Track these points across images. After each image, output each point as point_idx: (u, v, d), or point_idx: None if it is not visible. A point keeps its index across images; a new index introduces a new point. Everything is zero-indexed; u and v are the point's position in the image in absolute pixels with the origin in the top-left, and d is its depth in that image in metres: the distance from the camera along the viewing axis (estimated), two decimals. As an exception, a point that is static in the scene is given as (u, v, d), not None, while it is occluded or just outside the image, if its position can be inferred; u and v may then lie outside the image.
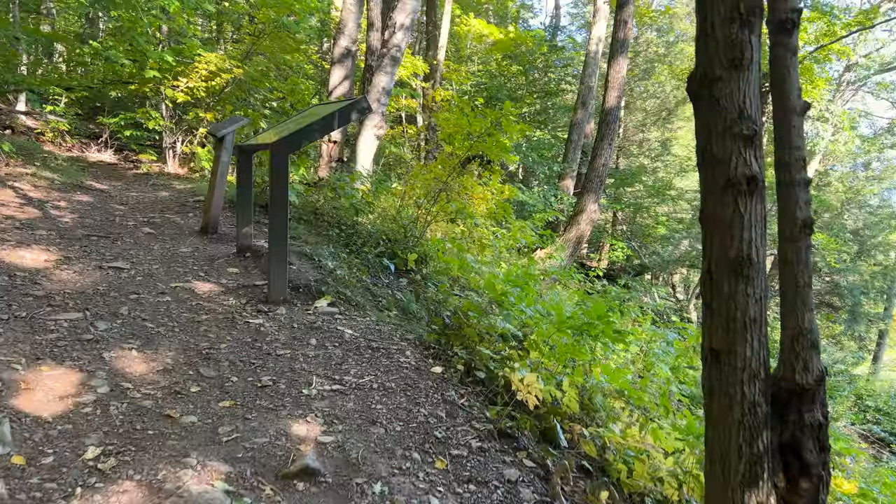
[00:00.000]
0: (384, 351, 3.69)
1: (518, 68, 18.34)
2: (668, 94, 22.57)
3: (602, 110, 11.73)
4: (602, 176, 11.56)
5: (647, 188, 19.45)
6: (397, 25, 8.47)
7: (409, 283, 5.86)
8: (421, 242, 6.73)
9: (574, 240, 11.62)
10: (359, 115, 4.58)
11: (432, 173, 7.36)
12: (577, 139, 16.79)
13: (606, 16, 17.29)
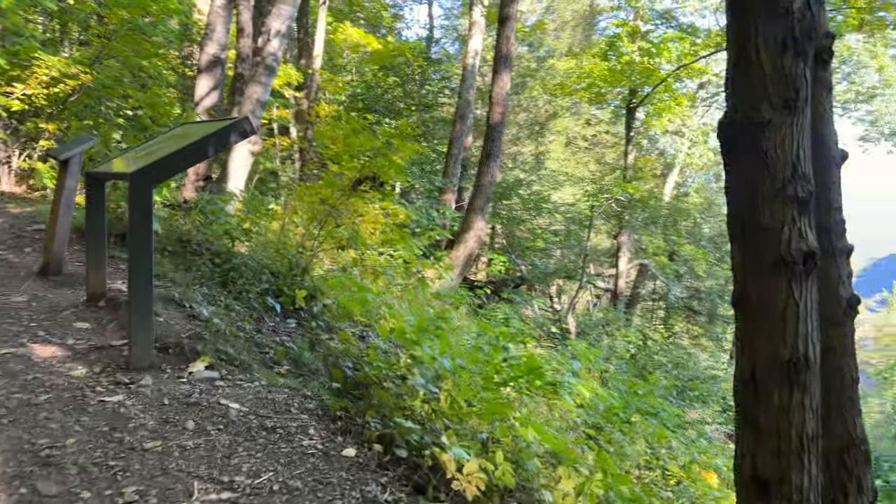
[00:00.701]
0: (282, 431, 3.01)
1: (395, 79, 17.88)
2: (541, 108, 23.04)
3: (487, 126, 11.51)
4: (488, 193, 11.32)
5: (524, 201, 19.63)
6: (272, 32, 7.70)
7: (299, 325, 5.16)
8: (309, 274, 6.04)
9: (463, 258, 11.29)
10: (239, 138, 3.87)
11: (318, 195, 6.67)
12: (457, 153, 16.57)
13: (483, 29, 17.24)
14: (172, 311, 4.28)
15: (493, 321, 9.80)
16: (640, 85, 18.01)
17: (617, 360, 13.82)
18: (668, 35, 17.08)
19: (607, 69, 17.89)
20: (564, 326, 17.34)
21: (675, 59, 17.86)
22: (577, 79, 19.26)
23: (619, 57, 17.08)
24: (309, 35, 14.64)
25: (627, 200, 17.25)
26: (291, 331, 4.94)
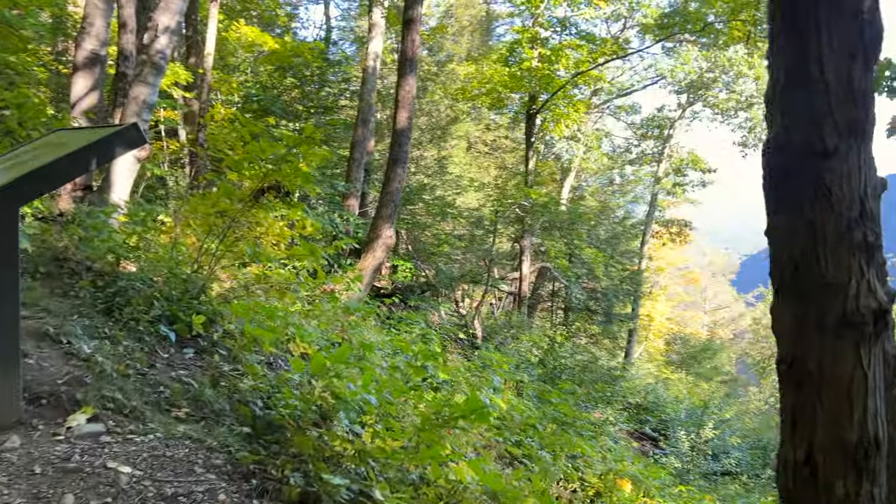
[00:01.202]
0: (186, 500, 2.55)
1: (293, 81, 17.20)
2: (442, 112, 22.94)
3: (393, 132, 11.17)
4: (396, 200, 10.98)
5: (428, 206, 19.43)
6: (160, 28, 7.02)
7: (199, 355, 4.61)
8: (207, 295, 5.47)
9: (371, 268, 10.88)
10: (127, 149, 3.34)
11: (216, 206, 6.10)
12: (359, 157, 16.14)
13: (383, 31, 16.89)
14: (46, 349, 3.66)
15: (409, 335, 9.45)
16: (539, 91, 18.23)
17: (526, 365, 13.84)
18: (566, 42, 17.39)
19: (508, 75, 17.99)
20: (471, 331, 17.27)
21: (573, 65, 18.21)
22: (477, 84, 19.27)
23: (519, 63, 17.21)
24: (199, 32, 13.75)
25: (530, 206, 17.40)
26: (189, 363, 4.40)
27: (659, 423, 17.52)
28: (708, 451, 14.17)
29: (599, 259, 19.82)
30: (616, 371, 17.56)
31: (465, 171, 23.97)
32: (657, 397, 19.49)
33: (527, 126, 19.12)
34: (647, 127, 29.23)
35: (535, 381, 11.84)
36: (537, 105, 18.70)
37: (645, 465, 7.79)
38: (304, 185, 6.11)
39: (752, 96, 25.98)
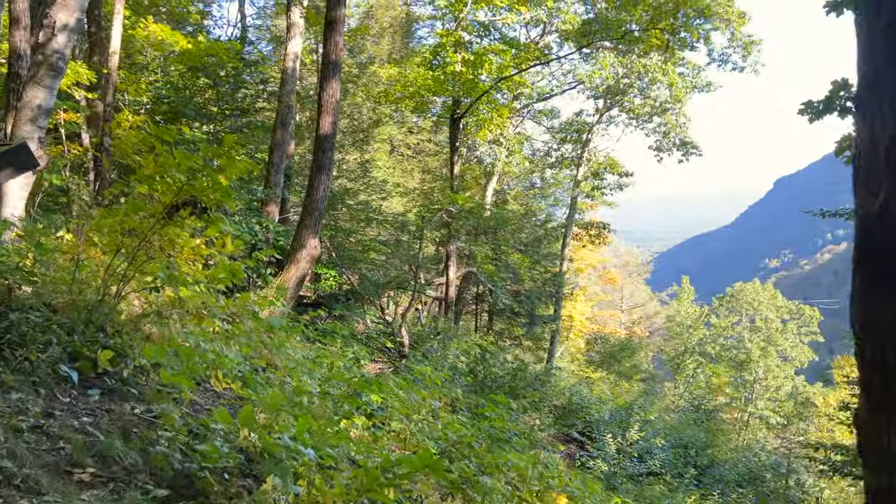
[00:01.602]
0: None
1: (206, 81, 16.37)
2: (364, 115, 22.50)
3: (316, 137, 10.70)
4: (321, 209, 10.52)
5: (351, 211, 18.98)
6: (58, 25, 6.36)
7: (106, 397, 4.11)
8: (114, 325, 4.94)
9: (295, 280, 10.39)
10: (15, 175, 2.84)
11: (125, 224, 5.54)
12: (279, 161, 15.54)
13: (302, 31, 16.33)
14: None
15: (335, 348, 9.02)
16: (463, 95, 18.11)
17: (454, 373, 13.64)
18: (489, 47, 17.34)
19: (431, 79, 17.77)
20: (399, 339, 16.95)
21: (496, 70, 18.18)
22: (401, 87, 18.96)
23: (443, 66, 17.03)
24: (103, 29, 12.83)
25: (457, 211, 17.25)
26: (95, 407, 3.90)
27: (584, 425, 17.74)
28: (634, 452, 14.41)
29: (525, 263, 19.90)
30: (543, 376, 17.63)
31: (388, 174, 23.60)
32: (581, 399, 19.75)
33: (451, 130, 18.97)
34: (566, 131, 29.74)
35: (466, 391, 11.65)
36: (461, 109, 18.58)
37: (583, 482, 7.67)
38: (224, 200, 5.64)
39: (666, 101, 26.85)
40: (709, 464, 17.56)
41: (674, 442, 17.42)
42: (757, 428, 33.85)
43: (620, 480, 13.51)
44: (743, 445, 26.88)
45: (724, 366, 36.76)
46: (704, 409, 23.60)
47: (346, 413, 5.83)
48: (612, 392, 22.50)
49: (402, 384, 8.53)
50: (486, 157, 27.92)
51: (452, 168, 18.73)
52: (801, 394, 35.29)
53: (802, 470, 28.02)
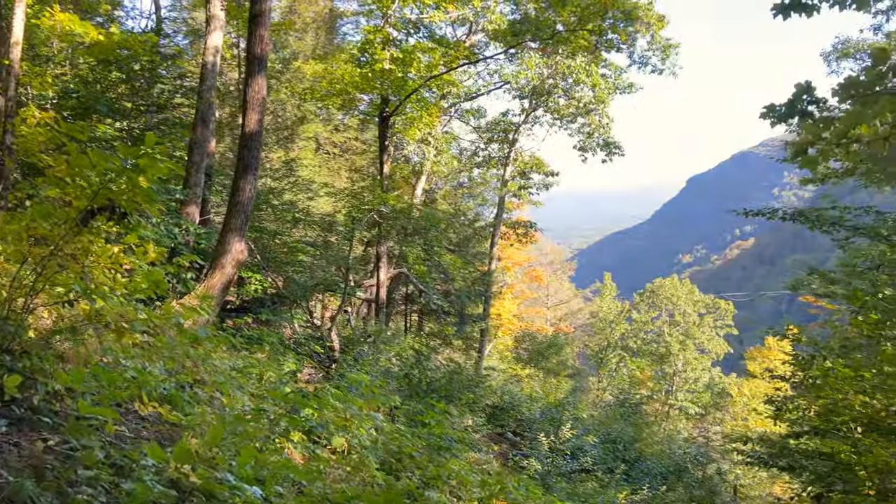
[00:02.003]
0: None
1: (119, 75, 15.44)
2: (289, 112, 21.83)
3: (242, 136, 10.18)
4: (247, 211, 10.01)
5: (277, 212, 18.34)
6: (-50, 8, 5.70)
7: (14, 428, 3.65)
8: (22, 343, 4.44)
9: (220, 286, 9.84)
10: None
11: (32, 231, 5.02)
12: (199, 160, 14.79)
13: (223, 24, 15.65)
14: None
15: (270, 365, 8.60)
16: (392, 93, 17.81)
17: (391, 379, 13.36)
18: (418, 44, 17.11)
19: (359, 76, 17.38)
20: (329, 343, 16.51)
21: (424, 69, 17.96)
22: (327, 84, 18.46)
23: (371, 64, 16.68)
24: (3, 18, 11.81)
25: (389, 212, 16.94)
26: (1, 442, 3.44)
27: (516, 423, 17.82)
28: (566, 450, 14.54)
29: (458, 264, 19.81)
30: (478, 377, 17.58)
31: (314, 173, 23.02)
32: (512, 397, 19.84)
33: (380, 129, 18.62)
34: (493, 131, 29.89)
35: (402, 396, 11.40)
36: (390, 108, 18.27)
37: (526, 488, 7.58)
38: (145, 204, 5.18)
39: (590, 102, 27.35)
40: (637, 457, 17.98)
41: (603, 437, 17.74)
42: (677, 419, 35.11)
43: (555, 479, 13.59)
44: (665, 436, 27.80)
45: (645, 359, 37.94)
46: (630, 402, 24.20)
47: (284, 431, 5.49)
48: (542, 389, 22.73)
49: (339, 394, 8.21)
50: (414, 157, 27.71)
51: (382, 167, 18.39)
52: (717, 384, 36.80)
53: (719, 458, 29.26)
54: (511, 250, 35.17)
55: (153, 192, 5.19)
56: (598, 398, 35.35)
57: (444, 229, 24.60)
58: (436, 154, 25.43)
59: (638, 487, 14.94)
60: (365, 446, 5.79)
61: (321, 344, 16.66)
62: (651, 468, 16.94)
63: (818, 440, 9.70)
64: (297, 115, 22.29)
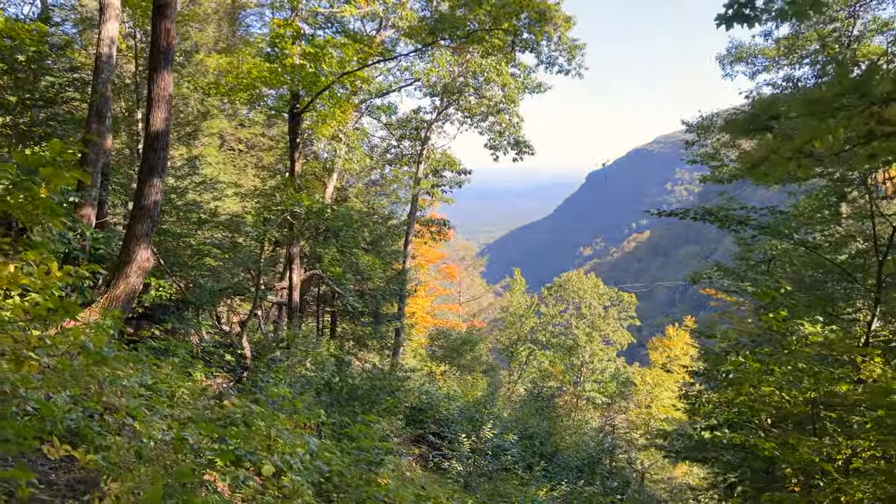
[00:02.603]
0: None
1: (1, 66, 14.08)
2: (191, 107, 20.70)
3: (146, 134, 9.45)
4: (153, 216, 9.31)
5: (182, 213, 17.35)
6: None
7: None
8: None
9: (124, 298, 9.12)
10: None
11: None
12: (95, 158, 13.74)
13: (118, 13, 14.60)
14: None
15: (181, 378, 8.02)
16: (303, 89, 17.19)
17: (309, 386, 12.91)
18: (330, 39, 16.58)
19: (268, 70, 16.66)
20: (240, 351, 15.79)
21: (336, 64, 17.46)
22: (233, 78, 17.59)
23: (282, 58, 16.02)
24: None
25: (304, 213, 16.37)
26: None
27: (436, 424, 17.71)
28: (488, 450, 14.56)
29: (377, 265, 19.43)
30: (397, 381, 17.32)
31: (220, 171, 21.98)
32: (430, 397, 19.73)
33: (291, 126, 17.95)
34: (405, 128, 29.64)
35: (324, 406, 11.01)
36: (301, 104, 17.64)
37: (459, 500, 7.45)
38: (47, 217, 4.63)
39: (500, 101, 27.61)
40: (553, 452, 18.29)
41: (521, 433, 17.93)
42: (585, 409, 36.21)
43: (476, 480, 13.58)
44: (575, 427, 28.55)
45: (553, 352, 38.86)
46: (543, 396, 24.66)
47: (208, 460, 5.06)
48: (459, 388, 22.75)
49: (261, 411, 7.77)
50: (324, 153, 27.04)
51: (293, 165, 17.74)
52: (622, 374, 38.20)
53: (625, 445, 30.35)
54: (425, 248, 35.07)
55: (56, 206, 4.66)
56: (509, 391, 35.91)
57: (357, 228, 24.15)
58: (347, 151, 24.94)
59: (557, 483, 15.18)
60: (296, 470, 5.44)
61: (231, 351, 15.91)
62: (567, 462, 17.28)
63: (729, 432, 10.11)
64: (200, 110, 21.17)
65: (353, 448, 7.78)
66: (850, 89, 3.10)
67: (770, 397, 7.31)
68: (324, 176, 25.02)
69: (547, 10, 15.24)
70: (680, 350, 38.71)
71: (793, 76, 21.12)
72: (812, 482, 6.44)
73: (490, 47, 15.04)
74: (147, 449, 5.07)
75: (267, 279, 23.22)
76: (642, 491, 18.11)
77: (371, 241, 24.52)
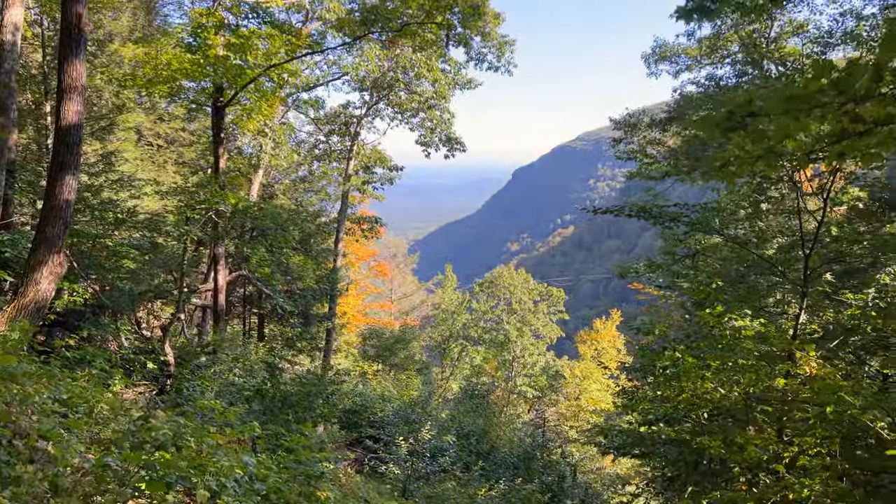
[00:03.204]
0: None
1: None
2: (105, 100, 19.49)
3: (57, 129, 8.67)
4: (66, 217, 8.57)
5: (97, 212, 16.28)
6: None
7: None
8: None
9: (33, 305, 8.36)
10: None
11: None
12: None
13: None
14: None
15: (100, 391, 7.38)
16: (228, 82, 16.42)
17: (236, 392, 12.30)
18: (254, 30, 15.88)
19: (189, 62, 15.81)
20: (163, 357, 14.97)
21: (262, 57, 16.76)
22: (151, 69, 16.61)
23: (205, 49, 15.22)
24: None
25: (230, 212, 15.66)
26: None
27: (371, 427, 17.34)
28: (426, 452, 14.32)
29: (308, 265, 18.83)
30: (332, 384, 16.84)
31: (138, 168, 20.84)
32: (364, 398, 19.35)
33: (214, 121, 17.11)
34: (333, 123, 28.97)
35: (254, 416, 10.50)
36: (226, 97, 16.86)
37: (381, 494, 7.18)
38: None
39: (431, 97, 27.36)
40: (490, 450, 18.24)
41: (458, 432, 17.80)
42: (517, 403, 36.54)
43: (415, 484, 13.33)
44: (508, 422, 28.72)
45: (486, 348, 39.04)
46: (478, 393, 24.62)
47: (134, 486, 4.60)
48: (394, 388, 22.42)
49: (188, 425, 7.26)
50: (248, 149, 26.11)
51: (217, 162, 16.92)
52: (552, 368, 38.76)
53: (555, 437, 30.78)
54: (356, 246, 34.47)
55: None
56: (442, 388, 35.84)
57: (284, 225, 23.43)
58: (274, 147, 24.12)
59: (494, 481, 15.11)
60: (232, 492, 5.04)
61: (153, 358, 15.07)
62: (504, 459, 17.26)
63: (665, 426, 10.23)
64: (115, 103, 19.95)
65: (290, 461, 7.36)
66: (829, 86, 3.00)
67: (713, 394, 7.37)
68: (249, 172, 24.13)
69: (481, 4, 15.09)
70: (608, 343, 39.59)
71: (715, 75, 21.78)
72: (757, 480, 6.53)
73: (423, 42, 14.76)
74: (64, 479, 4.57)
75: (190, 280, 22.21)
76: (576, 484, 18.30)
77: (300, 239, 23.81)
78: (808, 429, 5.58)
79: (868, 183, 11.68)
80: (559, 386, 38.15)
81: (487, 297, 42.25)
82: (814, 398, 5.29)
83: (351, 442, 16.44)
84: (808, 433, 5.57)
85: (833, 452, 5.43)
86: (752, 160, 3.45)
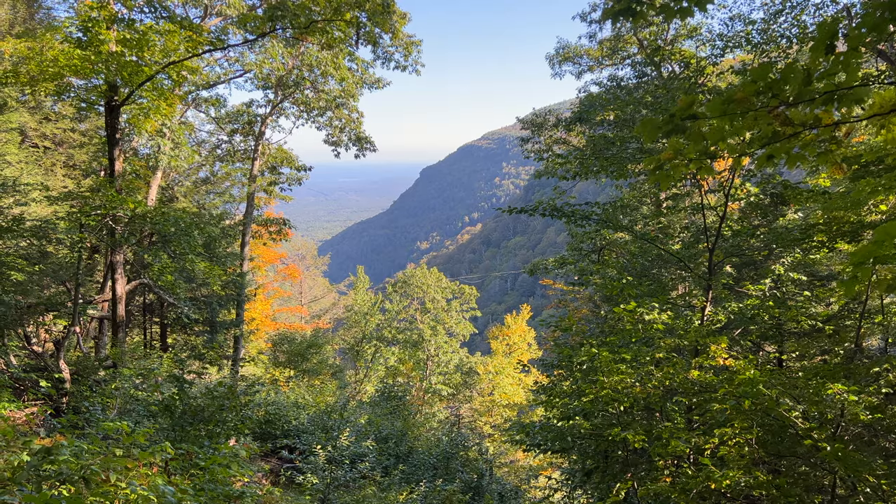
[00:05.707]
0: None
1: None
2: (-18, 97, 17.89)
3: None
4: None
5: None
6: None
7: None
8: None
9: None
10: None
11: None
12: None
13: None
14: None
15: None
16: (122, 79, 15.43)
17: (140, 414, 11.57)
18: (151, 24, 15.00)
19: (79, 58, 14.75)
20: (57, 375, 13.94)
21: (160, 53, 15.88)
22: (35, 66, 15.37)
23: (96, 45, 14.23)
24: None
25: (128, 218, 14.73)
26: None
27: (286, 437, 16.82)
28: (345, 459, 14.01)
29: (216, 271, 17.99)
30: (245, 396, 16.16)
31: (22, 171, 19.28)
32: (277, 407, 18.75)
33: (108, 121, 16.04)
34: (236, 122, 27.96)
35: (164, 433, 9.91)
36: (120, 97, 15.85)
37: None
38: None
39: (339, 96, 26.90)
40: (409, 452, 18.11)
41: (376, 436, 17.56)
42: (432, 401, 36.60)
43: (335, 493, 13.02)
44: (424, 421, 28.69)
45: (400, 348, 38.88)
46: (395, 395, 24.42)
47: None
48: (308, 394, 21.84)
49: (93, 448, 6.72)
50: (145, 149, 24.76)
51: (113, 164, 15.88)
52: (465, 364, 39.07)
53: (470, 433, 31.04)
54: (263, 248, 33.44)
55: None
56: (357, 391, 35.38)
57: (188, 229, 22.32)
58: (173, 147, 22.97)
59: (415, 484, 14.99)
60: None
61: (47, 376, 13.99)
62: (423, 460, 17.16)
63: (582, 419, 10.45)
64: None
65: (206, 482, 6.96)
66: (764, 89, 3.04)
67: (632, 389, 7.54)
68: (147, 175, 22.89)
69: (390, 2, 14.90)
70: (518, 337, 40.32)
71: (616, 76, 22.55)
72: (680, 472, 6.73)
73: (331, 40, 14.38)
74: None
75: (85, 290, 20.81)
76: (494, 480, 18.47)
77: (204, 243, 22.79)
78: (725, 420, 5.80)
79: (761, 179, 12.35)
80: (473, 382, 38.50)
81: (401, 297, 42.10)
82: (732, 390, 5.51)
83: (266, 453, 15.87)
84: (727, 424, 5.79)
85: (750, 441, 5.68)
86: (683, 163, 3.47)
